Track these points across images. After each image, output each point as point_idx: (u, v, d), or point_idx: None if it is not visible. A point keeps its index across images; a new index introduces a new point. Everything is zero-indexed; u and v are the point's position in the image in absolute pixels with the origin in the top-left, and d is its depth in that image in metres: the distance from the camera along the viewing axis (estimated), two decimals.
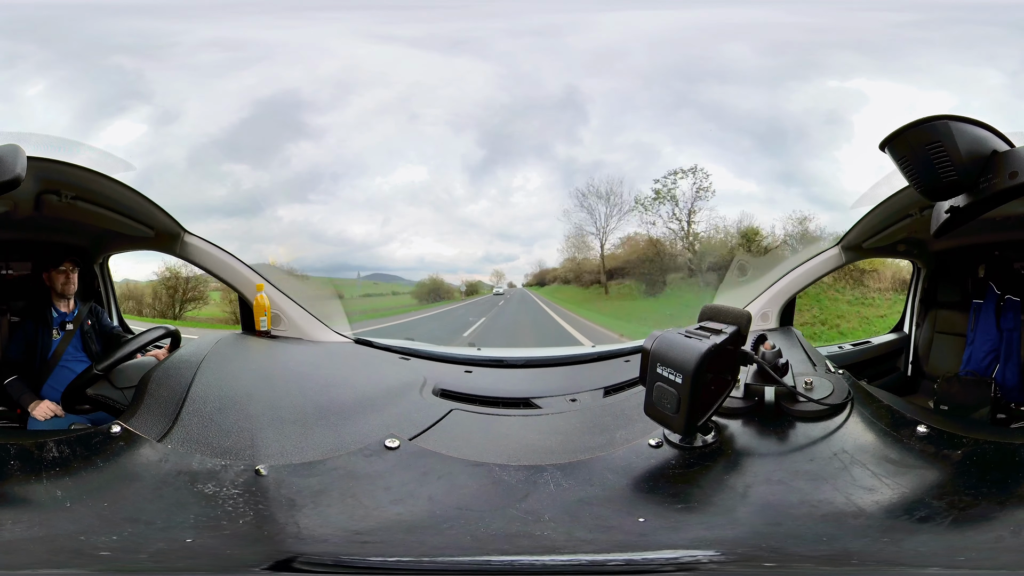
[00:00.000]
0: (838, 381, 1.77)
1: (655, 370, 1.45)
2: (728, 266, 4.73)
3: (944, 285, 3.18)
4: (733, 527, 1.23)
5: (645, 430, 1.54)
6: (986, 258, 2.82)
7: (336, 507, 1.34)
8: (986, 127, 1.47)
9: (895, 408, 1.70)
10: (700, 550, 1.17)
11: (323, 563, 1.14)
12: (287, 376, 2.28)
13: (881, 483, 1.34)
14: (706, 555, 1.15)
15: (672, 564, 1.13)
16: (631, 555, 1.17)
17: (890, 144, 1.51)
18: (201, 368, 1.99)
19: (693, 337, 1.45)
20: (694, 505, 1.33)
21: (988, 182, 1.45)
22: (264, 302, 2.76)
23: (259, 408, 1.80)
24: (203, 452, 1.50)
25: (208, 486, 1.36)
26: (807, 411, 1.62)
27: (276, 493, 1.36)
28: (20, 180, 1.57)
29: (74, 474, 1.39)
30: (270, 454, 1.52)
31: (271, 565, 1.13)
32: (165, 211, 2.53)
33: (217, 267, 2.74)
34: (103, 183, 2.26)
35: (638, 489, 1.40)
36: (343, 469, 1.48)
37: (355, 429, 1.70)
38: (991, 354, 2.66)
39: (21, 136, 1.81)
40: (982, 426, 2.35)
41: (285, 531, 1.23)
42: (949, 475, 1.40)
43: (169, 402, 1.74)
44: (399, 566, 1.15)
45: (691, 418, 1.40)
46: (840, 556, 1.12)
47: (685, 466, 1.46)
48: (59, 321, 2.55)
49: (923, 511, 1.24)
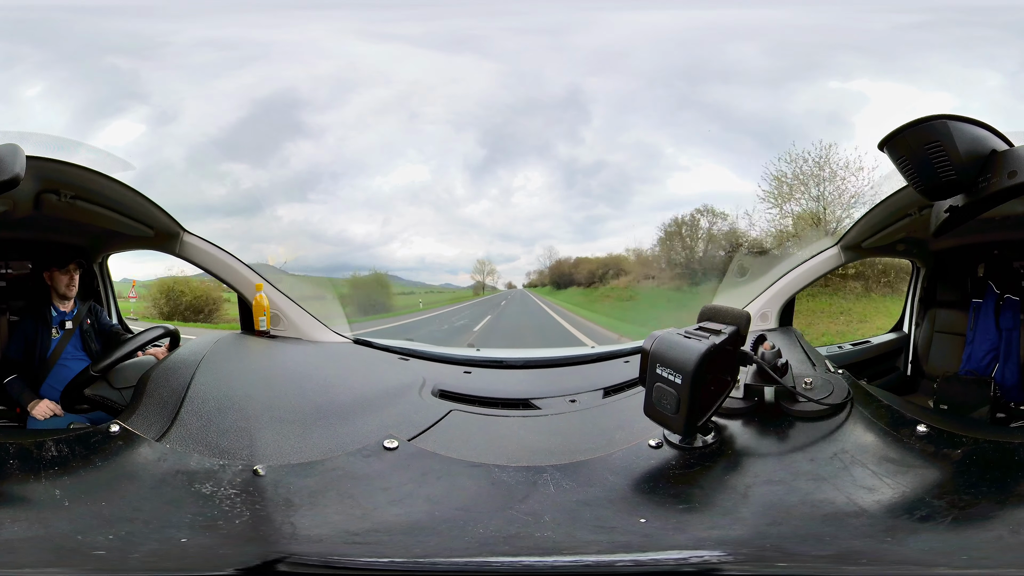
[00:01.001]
0: (838, 381, 1.77)
1: (654, 371, 1.45)
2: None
3: (943, 284, 3.18)
4: (736, 527, 1.23)
5: (645, 431, 1.54)
6: (985, 257, 2.83)
7: (333, 508, 1.33)
8: (985, 126, 1.47)
9: (895, 408, 1.70)
10: (707, 550, 1.16)
11: (311, 563, 1.14)
12: (286, 376, 2.27)
13: (882, 483, 1.34)
14: (714, 555, 1.14)
15: (685, 565, 1.13)
16: (638, 556, 1.16)
17: (889, 144, 1.51)
18: (200, 368, 1.99)
19: (692, 337, 1.45)
20: (695, 505, 1.33)
21: (987, 181, 1.45)
22: (263, 302, 2.76)
23: (258, 408, 1.80)
24: (201, 452, 1.50)
25: (206, 486, 1.36)
26: (807, 411, 1.62)
27: (273, 493, 1.36)
28: (19, 179, 1.57)
29: (73, 473, 1.39)
30: (268, 454, 1.52)
31: (261, 565, 1.12)
32: (164, 210, 2.52)
33: (216, 267, 2.74)
34: (102, 182, 2.26)
35: (638, 490, 1.40)
36: (341, 470, 1.47)
37: (354, 429, 1.69)
38: (990, 353, 2.66)
39: (20, 136, 1.81)
40: (981, 425, 2.35)
41: (280, 531, 1.23)
42: (949, 474, 1.40)
43: (168, 402, 1.74)
44: (392, 567, 1.14)
45: (691, 418, 1.40)
46: (847, 555, 1.11)
47: (685, 466, 1.45)
48: (58, 320, 2.55)
49: (924, 510, 1.24)
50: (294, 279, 3.83)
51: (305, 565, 1.13)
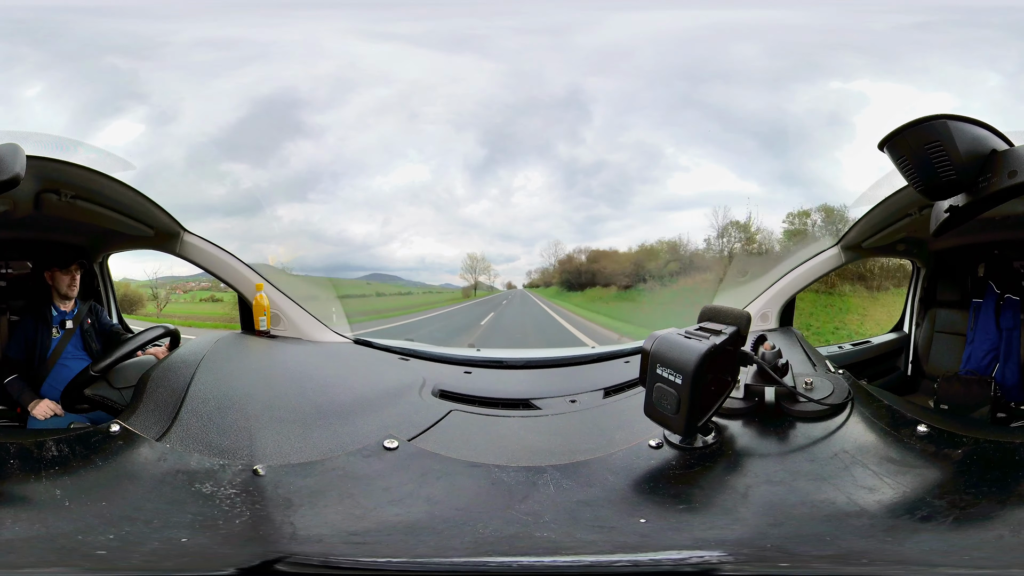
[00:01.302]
0: (838, 381, 1.77)
1: (655, 371, 1.45)
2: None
3: (944, 284, 3.18)
4: (736, 527, 1.23)
5: (645, 431, 1.54)
6: (986, 257, 2.83)
7: (333, 508, 1.33)
8: (985, 126, 1.46)
9: (895, 408, 1.70)
10: (707, 550, 1.16)
11: (311, 563, 1.14)
12: (286, 376, 2.27)
13: (882, 483, 1.34)
14: (714, 555, 1.14)
15: (684, 565, 1.12)
16: (637, 556, 1.16)
17: (889, 144, 1.51)
18: (200, 367, 1.99)
19: (693, 338, 1.45)
20: (696, 506, 1.32)
21: (987, 181, 1.45)
22: (264, 302, 2.76)
23: (258, 408, 1.80)
24: (201, 451, 1.50)
25: (206, 485, 1.36)
26: (807, 411, 1.62)
27: (273, 493, 1.36)
28: (19, 179, 1.57)
29: (73, 473, 1.39)
30: (268, 454, 1.52)
31: (260, 564, 1.12)
32: (165, 210, 2.53)
33: (217, 266, 2.74)
34: (103, 182, 2.26)
35: (639, 490, 1.40)
36: (341, 470, 1.47)
37: (354, 430, 1.69)
38: (991, 353, 2.66)
39: (20, 135, 1.81)
40: (982, 425, 2.35)
41: (280, 531, 1.23)
42: (950, 474, 1.40)
43: (168, 401, 1.74)
44: (392, 567, 1.14)
45: (691, 419, 1.40)
46: (849, 556, 1.11)
47: (686, 467, 1.45)
48: (59, 320, 2.55)
49: (925, 510, 1.24)
50: (294, 279, 3.83)
51: (304, 565, 1.13)
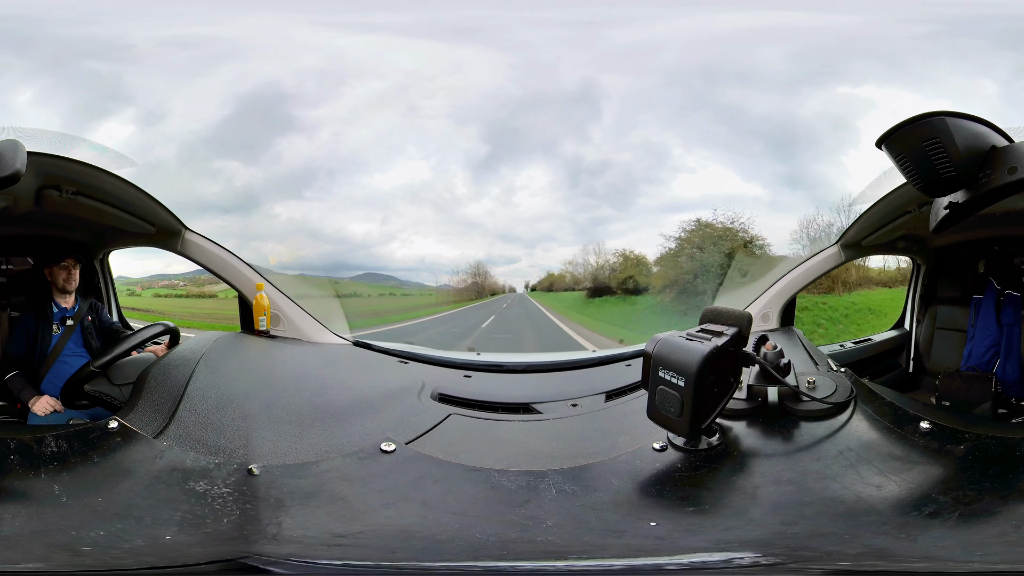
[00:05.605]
0: (840, 379, 1.76)
1: (657, 374, 1.43)
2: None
3: (944, 281, 3.18)
4: (751, 528, 1.22)
5: (648, 434, 1.52)
6: (986, 253, 2.83)
7: (324, 509, 1.32)
8: (984, 122, 1.46)
9: (897, 405, 1.70)
10: (733, 552, 1.14)
11: (272, 563, 1.11)
12: (284, 376, 2.26)
13: (888, 480, 1.33)
14: (747, 556, 1.13)
15: (709, 566, 1.11)
16: (656, 560, 1.13)
17: (887, 141, 1.50)
18: (199, 366, 1.98)
19: (694, 340, 1.43)
20: (706, 508, 1.31)
21: (987, 177, 1.44)
22: (264, 302, 2.75)
23: (255, 408, 1.79)
24: (198, 450, 1.49)
25: (200, 484, 1.35)
26: (811, 410, 1.62)
27: (266, 493, 1.35)
28: (20, 175, 1.56)
29: (71, 469, 1.39)
30: (264, 454, 1.51)
31: (233, 564, 1.11)
32: (166, 208, 2.52)
33: (217, 265, 2.74)
34: (104, 179, 2.25)
35: (645, 493, 1.38)
36: (336, 471, 1.46)
37: (351, 431, 1.68)
38: (992, 349, 2.66)
39: (21, 132, 1.80)
40: (984, 421, 2.36)
41: (265, 532, 1.21)
42: (953, 470, 1.39)
43: (166, 399, 1.73)
44: (379, 570, 1.12)
45: (695, 421, 1.39)
46: (871, 554, 1.10)
47: (691, 469, 1.44)
48: (59, 316, 2.55)
49: (931, 507, 1.23)
50: (293, 279, 3.82)
51: (271, 564, 1.11)
